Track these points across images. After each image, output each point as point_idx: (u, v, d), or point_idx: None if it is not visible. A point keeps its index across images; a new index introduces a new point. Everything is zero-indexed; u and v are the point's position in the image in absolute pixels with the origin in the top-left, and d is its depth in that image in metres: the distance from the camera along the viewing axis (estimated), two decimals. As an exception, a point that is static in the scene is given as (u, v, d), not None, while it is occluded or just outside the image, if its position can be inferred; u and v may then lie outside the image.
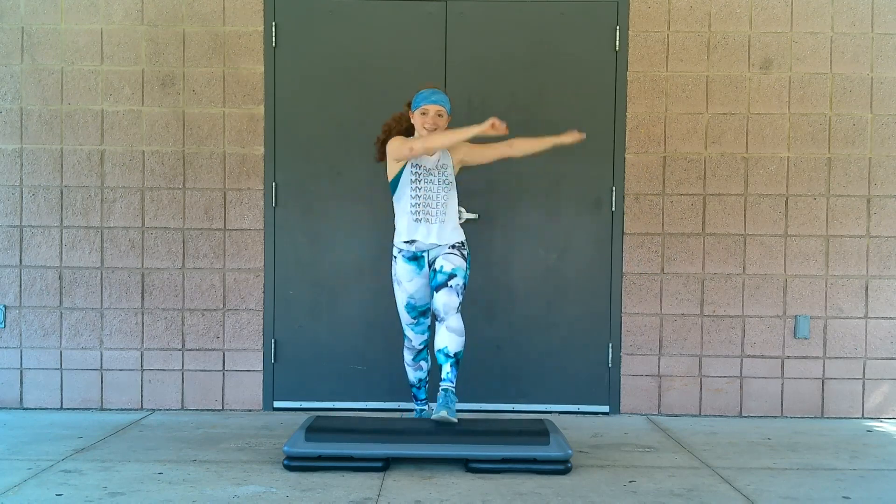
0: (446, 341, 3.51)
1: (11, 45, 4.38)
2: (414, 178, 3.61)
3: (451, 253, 3.61)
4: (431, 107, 3.60)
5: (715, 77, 4.40)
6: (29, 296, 4.40)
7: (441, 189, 3.62)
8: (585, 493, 3.08)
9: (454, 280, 3.54)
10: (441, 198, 3.62)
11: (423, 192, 3.60)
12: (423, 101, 3.61)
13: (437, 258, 3.61)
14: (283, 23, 4.40)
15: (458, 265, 3.58)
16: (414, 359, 3.83)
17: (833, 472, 3.41)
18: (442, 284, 3.54)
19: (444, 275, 3.55)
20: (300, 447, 3.28)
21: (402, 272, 3.66)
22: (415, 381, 3.89)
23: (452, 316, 3.52)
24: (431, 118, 3.58)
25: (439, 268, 3.58)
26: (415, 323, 3.75)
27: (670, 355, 4.43)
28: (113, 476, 3.22)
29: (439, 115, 3.60)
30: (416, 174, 3.61)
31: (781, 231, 4.42)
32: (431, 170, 3.63)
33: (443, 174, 3.64)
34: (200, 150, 4.40)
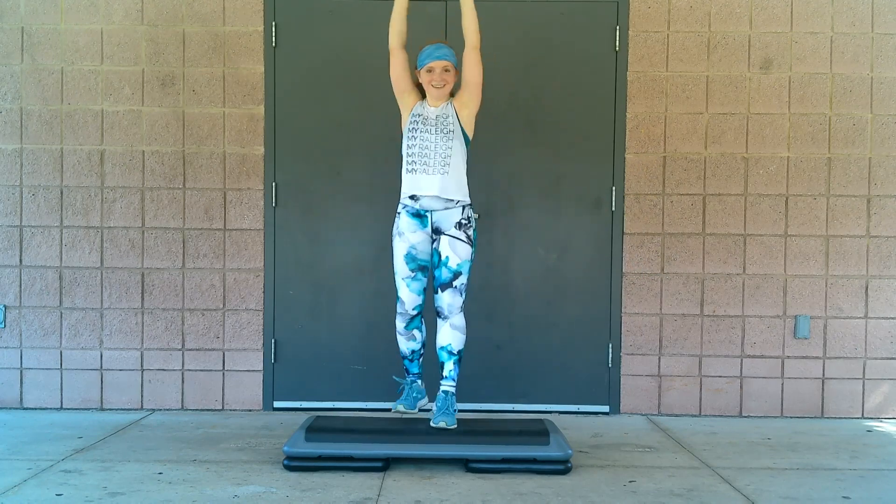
0: (449, 338, 3.49)
1: (11, 45, 4.38)
2: (411, 128, 3.48)
3: (458, 238, 3.47)
4: (437, 63, 3.45)
5: (715, 77, 4.40)
6: (29, 296, 4.40)
7: (440, 138, 3.44)
8: (585, 493, 3.08)
9: (459, 279, 3.48)
10: (440, 147, 3.44)
11: (419, 140, 3.45)
12: (428, 59, 3.46)
13: (442, 235, 3.48)
14: (283, 23, 4.40)
15: (465, 258, 3.47)
16: (406, 326, 3.57)
17: (833, 472, 3.41)
18: (447, 284, 3.47)
19: (449, 272, 3.46)
20: (300, 447, 3.28)
21: (404, 224, 3.50)
22: (406, 353, 3.62)
23: (456, 314, 3.50)
24: (438, 75, 3.44)
25: (444, 258, 3.46)
26: (412, 277, 3.51)
27: (670, 355, 4.43)
28: (113, 476, 3.22)
29: (446, 71, 3.45)
30: (413, 123, 3.48)
31: (781, 231, 4.42)
32: (429, 119, 3.48)
33: (442, 123, 3.46)
34: (200, 150, 4.40)
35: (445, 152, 3.44)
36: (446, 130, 3.47)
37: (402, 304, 3.55)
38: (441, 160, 3.44)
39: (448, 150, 3.45)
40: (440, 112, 3.49)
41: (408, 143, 3.48)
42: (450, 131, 3.47)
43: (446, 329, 3.50)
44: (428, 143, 3.45)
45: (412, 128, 3.48)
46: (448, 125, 3.47)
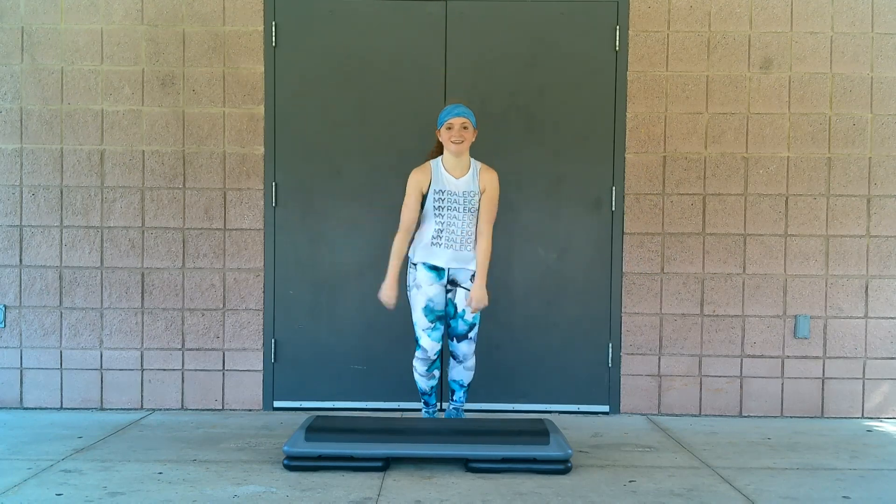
0: (462, 377, 3.83)
1: (11, 45, 4.38)
2: (437, 205, 3.67)
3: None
4: (455, 120, 3.63)
5: (715, 77, 4.40)
6: (29, 296, 4.40)
7: (467, 217, 3.67)
8: (585, 492, 3.08)
9: (473, 330, 3.74)
10: (467, 226, 3.68)
11: (447, 218, 3.66)
12: (447, 116, 3.65)
13: (458, 287, 3.71)
14: (283, 23, 4.40)
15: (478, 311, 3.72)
16: (428, 369, 3.78)
17: (833, 472, 3.41)
18: (463, 336, 3.72)
19: (465, 324, 3.71)
20: (300, 447, 3.28)
21: (422, 278, 3.71)
22: (426, 389, 3.86)
23: (470, 358, 3.79)
24: (457, 131, 3.62)
25: (461, 311, 3.70)
26: (432, 328, 3.71)
27: (670, 355, 4.43)
28: (113, 476, 3.22)
29: (464, 128, 3.63)
30: (439, 200, 3.67)
31: (781, 231, 4.42)
32: (457, 196, 3.66)
33: (469, 201, 3.67)
34: (200, 149, 4.40)
35: (471, 229, 3.69)
36: (473, 210, 3.69)
37: (424, 352, 3.75)
38: (467, 238, 3.69)
39: (472, 227, 3.70)
40: (467, 188, 3.68)
41: (436, 219, 3.67)
42: (474, 210, 3.69)
43: (459, 369, 3.82)
44: (455, 223, 3.68)
45: (438, 206, 3.67)
46: (474, 204, 3.69)
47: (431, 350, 3.72)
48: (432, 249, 3.68)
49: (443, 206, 3.65)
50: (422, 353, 3.74)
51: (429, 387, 3.85)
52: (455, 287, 3.72)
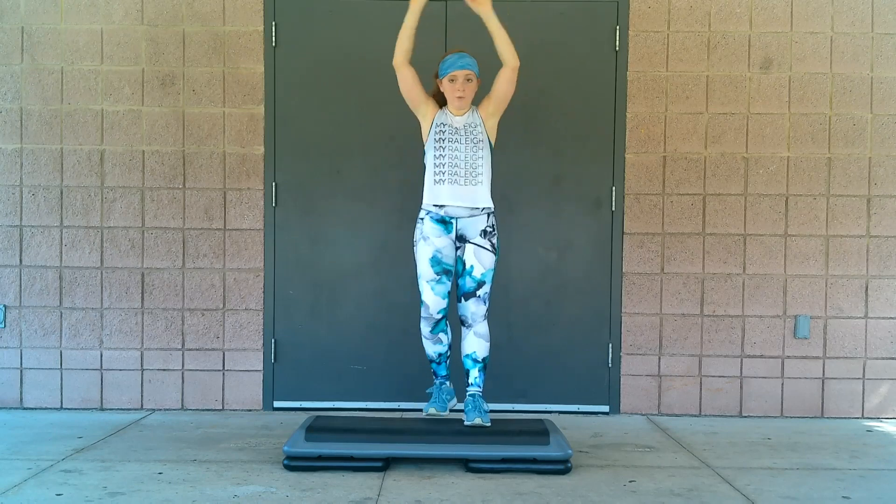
0: (474, 346, 3.56)
1: (11, 45, 4.38)
2: (438, 138, 3.48)
3: (483, 247, 3.50)
4: (460, 72, 3.45)
5: (715, 77, 4.40)
6: (29, 296, 4.40)
7: (470, 148, 3.46)
8: (585, 493, 3.08)
9: (483, 289, 3.52)
10: (470, 157, 3.45)
11: (448, 151, 3.45)
12: (451, 68, 3.46)
13: (467, 243, 3.50)
14: (283, 23, 4.40)
15: (489, 267, 3.51)
16: (432, 330, 3.55)
17: (833, 471, 3.41)
18: (471, 293, 3.52)
19: (473, 281, 3.51)
20: (300, 447, 3.28)
21: (428, 229, 3.51)
22: (433, 356, 3.61)
23: (480, 322, 3.55)
24: (461, 84, 3.44)
25: (469, 267, 3.50)
26: (437, 280, 3.51)
27: (670, 355, 4.43)
28: (113, 476, 3.22)
29: (468, 80, 3.46)
30: (439, 133, 3.48)
31: (781, 231, 4.42)
32: (458, 129, 3.48)
33: (471, 133, 3.47)
34: (200, 149, 4.40)
35: (476, 162, 3.48)
36: (475, 140, 3.49)
37: (427, 308, 3.55)
38: (472, 171, 3.47)
39: (479, 161, 3.48)
40: (467, 121, 3.51)
41: (435, 154, 3.47)
42: (479, 140, 3.50)
43: (471, 337, 3.56)
44: (458, 154, 3.47)
45: (439, 138, 3.48)
46: (477, 135, 3.49)
47: (434, 307, 3.52)
48: (435, 189, 3.46)
49: (444, 138, 3.46)
50: (424, 311, 3.54)
51: (435, 353, 3.60)
52: (464, 243, 3.51)
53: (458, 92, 3.45)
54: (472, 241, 3.51)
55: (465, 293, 3.53)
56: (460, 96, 3.45)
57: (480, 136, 3.50)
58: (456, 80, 3.46)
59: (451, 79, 3.46)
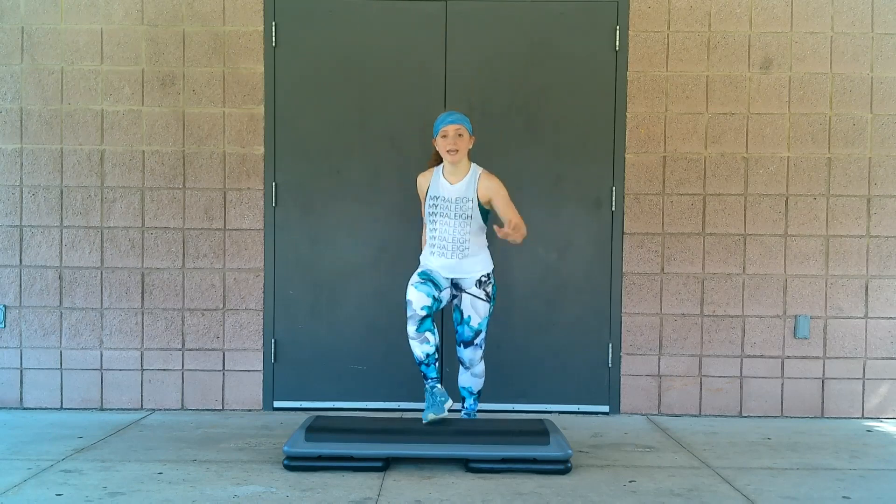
0: (470, 383, 3.80)
1: (11, 45, 4.38)
2: (431, 211, 3.64)
3: (478, 297, 3.65)
4: (450, 127, 3.58)
5: (715, 77, 4.40)
6: (29, 296, 4.40)
7: (458, 224, 3.59)
8: (585, 492, 3.08)
9: (479, 337, 3.69)
10: (458, 233, 3.59)
11: (440, 225, 3.61)
12: (441, 124, 3.60)
13: (463, 292, 3.66)
14: (283, 23, 4.40)
15: (484, 316, 3.67)
16: (418, 329, 3.53)
17: (833, 472, 3.41)
18: (469, 342, 3.70)
19: (471, 330, 3.67)
20: (300, 447, 3.28)
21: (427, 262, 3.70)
22: (422, 357, 3.56)
23: (477, 364, 3.76)
24: (452, 139, 3.57)
25: (467, 318, 3.66)
26: (421, 282, 3.58)
27: (670, 355, 4.43)
28: (113, 476, 3.22)
29: (459, 135, 3.58)
30: (433, 206, 3.64)
31: (781, 231, 4.42)
32: (448, 203, 3.61)
33: (461, 208, 3.59)
34: (200, 150, 4.40)
35: (463, 237, 3.61)
36: (465, 216, 3.61)
37: (410, 306, 3.57)
38: (460, 246, 3.61)
39: (466, 236, 3.61)
40: (460, 195, 3.61)
41: (429, 227, 3.66)
42: (467, 217, 3.61)
43: (467, 376, 3.79)
44: (447, 230, 3.61)
45: (431, 211, 3.64)
46: (466, 211, 3.61)
47: (417, 302, 3.53)
48: (430, 258, 3.68)
49: (435, 212, 3.62)
50: (409, 310, 3.55)
51: (423, 353, 3.55)
52: (460, 292, 3.68)
53: (449, 146, 3.56)
54: (468, 291, 3.66)
55: (463, 341, 3.71)
56: (451, 150, 3.56)
57: (469, 212, 3.61)
58: (447, 136, 3.57)
59: (443, 135, 3.59)
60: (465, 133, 3.60)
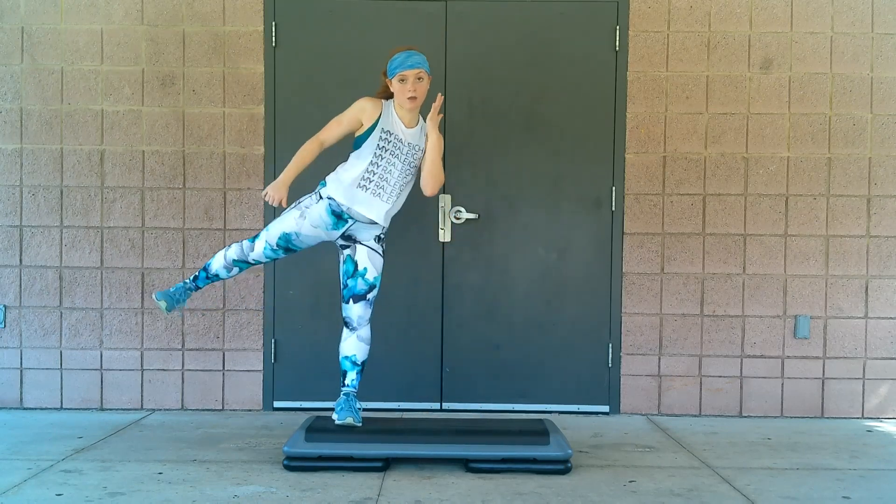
0: (355, 350, 3.52)
1: (11, 45, 4.38)
2: (381, 145, 3.35)
3: (376, 251, 3.49)
4: (410, 72, 3.32)
5: (715, 77, 4.40)
6: (29, 296, 4.40)
7: (404, 169, 3.40)
8: (585, 493, 3.08)
9: (373, 292, 3.50)
10: (401, 178, 3.39)
11: (384, 163, 3.36)
12: (400, 67, 3.33)
13: (359, 244, 3.46)
14: (283, 23, 4.40)
15: (380, 272, 3.51)
16: (234, 261, 3.50)
17: (833, 472, 3.41)
18: (361, 296, 3.47)
19: (366, 284, 3.47)
20: (300, 447, 3.28)
21: (315, 215, 3.42)
22: (211, 272, 3.54)
23: (364, 326, 3.53)
24: (411, 84, 3.32)
25: (363, 269, 3.45)
26: (273, 249, 3.45)
27: (670, 355, 4.43)
28: (113, 476, 3.22)
29: (419, 79, 3.34)
30: (384, 140, 3.36)
31: (781, 231, 4.42)
32: (401, 145, 3.37)
33: (411, 154, 3.40)
34: (200, 150, 4.40)
35: (403, 184, 3.43)
36: (412, 164, 3.43)
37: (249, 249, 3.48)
38: (397, 191, 3.42)
39: (406, 183, 3.45)
40: (413, 141, 3.42)
41: (371, 160, 3.36)
42: (413, 166, 3.44)
43: (352, 340, 3.52)
44: (391, 170, 3.39)
45: (381, 146, 3.36)
46: (415, 160, 3.44)
47: (254, 255, 3.47)
48: (354, 192, 3.36)
49: (386, 147, 3.34)
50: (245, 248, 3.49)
51: (214, 272, 3.53)
52: (354, 243, 3.47)
53: (409, 92, 3.32)
54: (365, 243, 3.48)
55: (354, 295, 3.47)
56: (412, 97, 3.33)
57: (416, 162, 3.44)
58: (406, 80, 3.33)
59: (401, 79, 3.33)
60: (425, 76, 3.37)
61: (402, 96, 3.34)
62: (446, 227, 4.38)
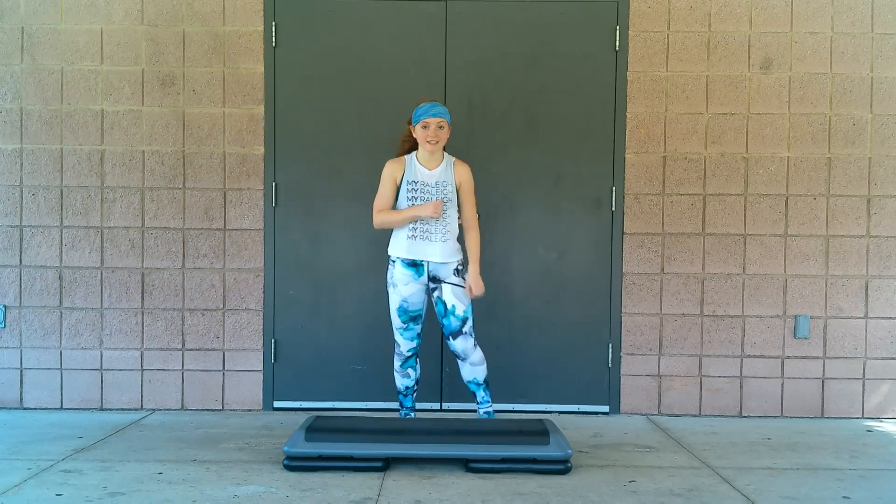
0: (474, 374, 3.79)
1: (11, 45, 4.38)
2: (411, 197, 3.67)
3: (459, 285, 3.71)
4: (432, 120, 3.65)
5: (715, 77, 4.40)
6: (29, 296, 4.40)
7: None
8: (585, 493, 3.08)
9: (467, 325, 3.72)
10: (441, 217, 3.67)
11: None
12: (424, 115, 3.66)
13: (442, 283, 3.70)
14: (283, 23, 4.40)
15: (468, 303, 3.72)
16: (402, 365, 3.83)
17: (833, 472, 3.41)
18: (457, 332, 3.72)
19: (458, 320, 3.71)
20: (300, 447, 3.28)
21: (398, 276, 3.72)
22: (401, 388, 3.88)
23: (472, 352, 3.76)
24: (433, 131, 3.65)
25: (451, 307, 3.70)
26: (404, 328, 3.76)
27: (670, 355, 4.43)
28: (113, 476, 3.22)
29: (440, 128, 3.67)
30: (412, 191, 3.68)
31: (781, 231, 4.42)
32: (429, 187, 3.68)
33: (443, 190, 3.69)
34: (200, 150, 4.40)
35: (447, 221, 3.69)
36: (446, 199, 3.69)
37: (399, 347, 3.82)
38: (444, 229, 3.68)
39: (449, 219, 3.69)
40: (440, 179, 3.70)
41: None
42: (448, 200, 3.70)
43: (468, 367, 3.80)
44: None
45: (412, 196, 3.68)
46: (447, 194, 3.70)
47: (405, 347, 3.78)
48: (409, 244, 3.68)
49: (416, 196, 3.67)
50: (397, 349, 3.81)
51: (403, 386, 3.87)
52: (439, 283, 3.72)
53: (430, 138, 3.65)
54: (447, 280, 3.71)
55: (452, 332, 3.74)
56: (432, 141, 3.65)
57: (451, 196, 3.70)
58: (429, 127, 3.65)
59: (424, 125, 3.66)
60: (446, 125, 3.70)
61: (424, 140, 3.68)
62: (446, 227, 4.38)
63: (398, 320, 3.75)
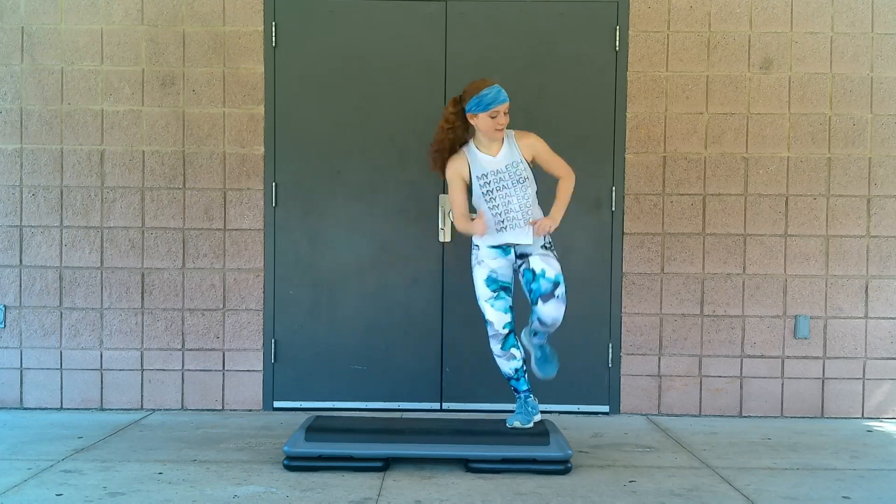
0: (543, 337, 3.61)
1: (11, 45, 4.38)
2: (486, 190, 3.45)
3: (549, 255, 3.48)
4: (501, 106, 3.39)
5: (715, 77, 4.40)
6: (29, 296, 4.40)
7: (518, 190, 3.44)
8: (585, 493, 3.08)
9: (559, 289, 3.43)
10: (522, 200, 3.44)
11: (500, 198, 3.44)
12: (494, 103, 3.37)
13: (529, 256, 3.47)
14: (283, 23, 4.40)
15: (559, 270, 3.45)
16: (503, 347, 3.53)
17: (833, 472, 3.41)
18: (549, 294, 3.41)
19: (549, 282, 3.41)
20: (300, 447, 3.28)
21: (484, 254, 3.50)
22: (510, 373, 3.56)
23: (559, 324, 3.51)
24: (502, 118, 3.40)
25: (540, 271, 3.42)
26: (494, 297, 3.48)
27: (670, 355, 4.43)
28: (113, 476, 3.22)
29: (505, 114, 3.42)
30: (485, 184, 3.45)
31: (781, 231, 4.42)
32: (502, 173, 3.44)
33: (514, 173, 3.44)
34: (200, 150, 4.40)
35: (526, 203, 3.46)
36: (521, 179, 3.46)
37: (492, 326, 3.53)
38: (525, 212, 3.45)
39: (528, 200, 3.47)
40: (508, 161, 3.46)
41: (489, 205, 3.45)
42: (524, 179, 3.47)
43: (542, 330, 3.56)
44: (510, 200, 3.45)
45: (486, 189, 3.45)
46: (520, 172, 3.46)
47: (498, 322, 3.49)
48: (497, 234, 3.46)
49: (491, 188, 3.44)
50: (490, 329, 3.53)
51: (511, 369, 3.55)
52: (526, 258, 3.48)
53: (498, 126, 3.40)
54: (535, 253, 3.48)
55: (542, 295, 3.41)
56: (499, 129, 3.41)
57: (525, 174, 3.47)
58: (497, 115, 3.39)
59: (493, 115, 3.38)
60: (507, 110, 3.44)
61: (491, 129, 3.40)
62: (446, 227, 4.38)
63: (487, 291, 3.48)
